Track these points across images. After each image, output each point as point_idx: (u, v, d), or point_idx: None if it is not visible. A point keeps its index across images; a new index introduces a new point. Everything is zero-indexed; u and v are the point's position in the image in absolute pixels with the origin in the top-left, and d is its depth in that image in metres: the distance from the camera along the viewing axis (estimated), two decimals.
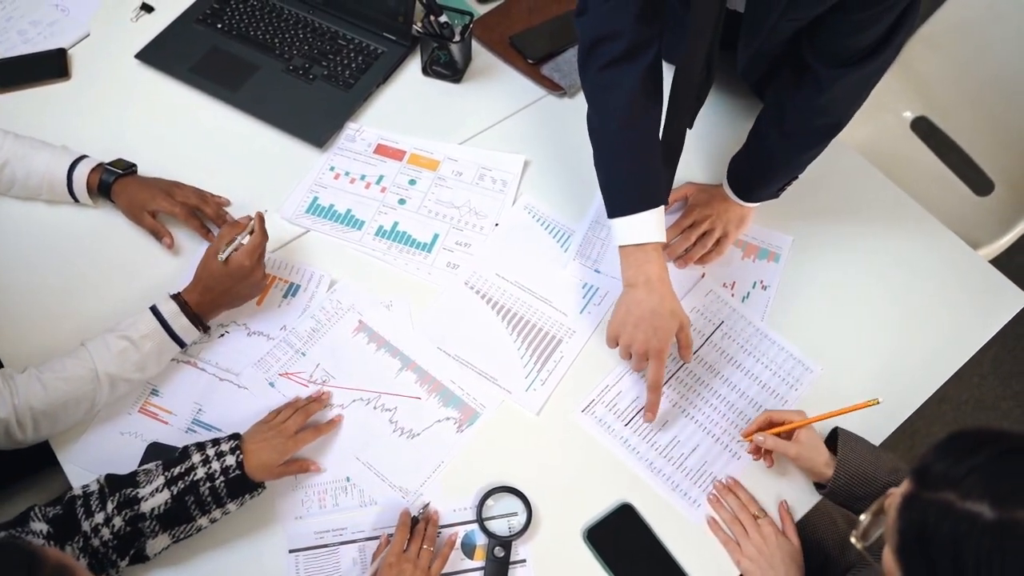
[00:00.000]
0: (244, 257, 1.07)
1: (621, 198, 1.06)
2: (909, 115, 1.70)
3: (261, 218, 1.10)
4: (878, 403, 0.99)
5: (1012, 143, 1.55)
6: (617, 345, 1.10)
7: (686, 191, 1.27)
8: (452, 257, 1.23)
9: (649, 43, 1.01)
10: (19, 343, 1.13)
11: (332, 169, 1.30)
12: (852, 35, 0.96)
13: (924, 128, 1.69)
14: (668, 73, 1.09)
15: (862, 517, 0.71)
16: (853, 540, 0.72)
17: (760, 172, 1.19)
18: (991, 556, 0.58)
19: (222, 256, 1.06)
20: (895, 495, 0.66)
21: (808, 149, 1.14)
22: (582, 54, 1.05)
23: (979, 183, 1.63)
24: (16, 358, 1.12)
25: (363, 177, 1.30)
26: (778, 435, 1.04)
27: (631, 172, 1.06)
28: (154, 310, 1.05)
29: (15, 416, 0.96)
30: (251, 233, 1.09)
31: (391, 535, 1.00)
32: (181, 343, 1.07)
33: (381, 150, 1.33)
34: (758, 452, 1.08)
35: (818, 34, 1.00)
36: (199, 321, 1.07)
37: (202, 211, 1.21)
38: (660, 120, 1.08)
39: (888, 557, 0.66)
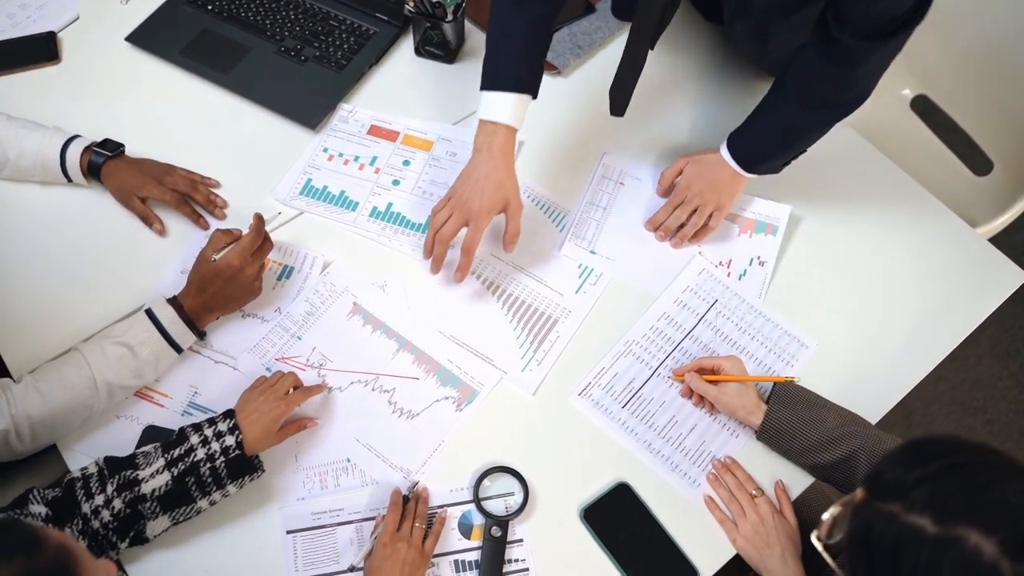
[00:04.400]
0: (233, 256, 1.06)
1: (497, 74, 1.10)
2: (909, 93, 1.69)
3: (259, 219, 1.09)
4: (793, 380, 1.08)
5: (1011, 123, 1.54)
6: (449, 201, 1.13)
7: (681, 165, 1.24)
8: None
9: None
10: (14, 328, 1.13)
11: (326, 151, 1.29)
12: (884, 4, 0.94)
13: (923, 107, 1.67)
14: None
15: (824, 516, 0.71)
16: (813, 539, 0.72)
17: (778, 143, 1.17)
18: (928, 569, 0.59)
19: (216, 256, 1.06)
20: (857, 497, 0.67)
21: (833, 121, 1.13)
22: None
23: (978, 162, 1.62)
24: (10, 342, 1.11)
25: (357, 158, 1.29)
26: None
27: (512, 54, 1.10)
28: (150, 314, 1.04)
29: (14, 427, 0.95)
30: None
31: (385, 515, 1.00)
32: (178, 348, 1.06)
33: (375, 131, 1.32)
34: (689, 392, 1.11)
35: (846, 8, 0.98)
36: (194, 326, 1.07)
37: (192, 198, 1.21)
38: (552, 17, 1.12)
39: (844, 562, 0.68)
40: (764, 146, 1.18)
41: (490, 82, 1.10)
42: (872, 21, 0.97)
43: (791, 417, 1.04)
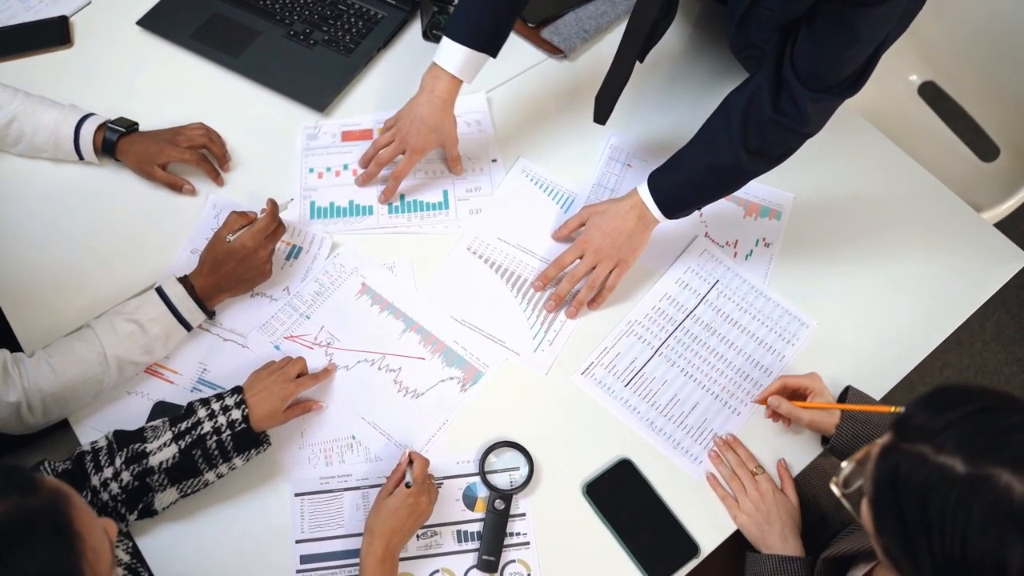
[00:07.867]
0: (248, 237, 1.08)
1: (458, 25, 1.14)
2: (916, 79, 1.68)
3: (273, 205, 1.11)
4: (900, 411, 1.02)
5: (1018, 109, 1.54)
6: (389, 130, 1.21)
7: (584, 216, 1.17)
8: (470, 204, 1.24)
9: None
10: (27, 304, 1.15)
11: (312, 171, 1.27)
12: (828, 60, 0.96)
13: (931, 93, 1.67)
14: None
15: (843, 464, 0.72)
16: (832, 486, 0.73)
17: (707, 189, 1.12)
18: (957, 508, 0.59)
19: (231, 237, 1.07)
20: (878, 445, 0.67)
21: (770, 167, 1.10)
22: None
23: (984, 149, 1.62)
24: (24, 317, 1.13)
25: (346, 167, 1.28)
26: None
27: (477, 9, 1.14)
28: (160, 292, 1.06)
29: (26, 400, 0.97)
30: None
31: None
32: (188, 326, 1.08)
33: (348, 136, 1.30)
34: (775, 416, 1.08)
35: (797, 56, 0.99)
36: (204, 305, 1.08)
37: (210, 150, 1.23)
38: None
39: (864, 507, 0.67)
40: (691, 190, 1.12)
41: (450, 30, 1.14)
42: (819, 73, 0.98)
43: (864, 422, 1.02)
